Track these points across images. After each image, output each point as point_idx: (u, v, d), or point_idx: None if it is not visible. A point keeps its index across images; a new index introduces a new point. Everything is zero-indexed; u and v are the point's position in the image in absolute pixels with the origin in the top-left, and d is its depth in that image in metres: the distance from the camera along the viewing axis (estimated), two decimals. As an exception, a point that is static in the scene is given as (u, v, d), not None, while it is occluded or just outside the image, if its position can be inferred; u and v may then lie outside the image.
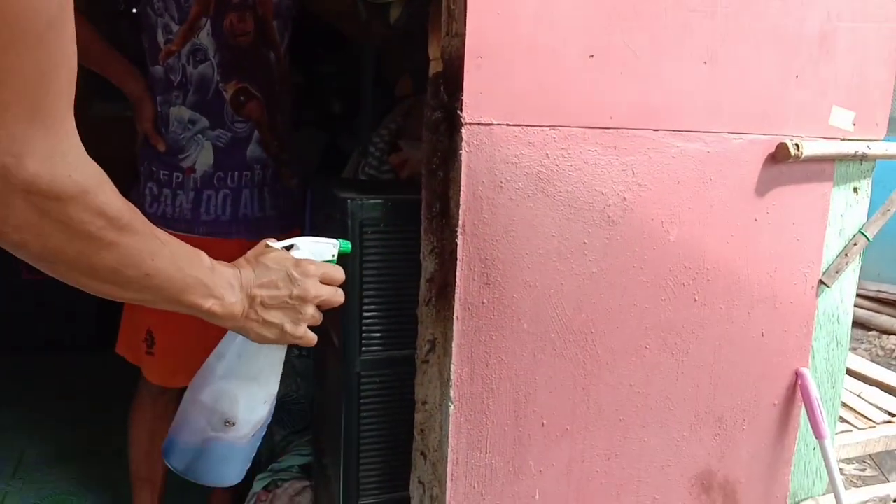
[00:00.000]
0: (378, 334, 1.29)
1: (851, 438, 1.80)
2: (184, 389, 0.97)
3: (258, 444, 1.00)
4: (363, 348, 1.29)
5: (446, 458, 1.13)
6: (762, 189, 1.27)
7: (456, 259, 1.07)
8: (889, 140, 1.36)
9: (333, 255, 1.00)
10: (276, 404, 1.01)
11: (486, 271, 1.09)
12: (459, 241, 1.07)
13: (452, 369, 1.10)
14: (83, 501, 2.25)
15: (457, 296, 1.08)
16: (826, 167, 1.31)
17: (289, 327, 0.89)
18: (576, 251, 1.14)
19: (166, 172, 1.67)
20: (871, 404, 1.96)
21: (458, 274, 1.07)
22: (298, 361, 2.01)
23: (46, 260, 0.65)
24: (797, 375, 1.39)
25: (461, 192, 1.05)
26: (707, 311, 1.27)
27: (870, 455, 2.47)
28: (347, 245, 1.01)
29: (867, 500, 1.75)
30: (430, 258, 1.14)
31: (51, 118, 0.58)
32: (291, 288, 0.88)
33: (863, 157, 1.31)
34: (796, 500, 1.48)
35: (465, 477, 1.15)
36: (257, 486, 1.74)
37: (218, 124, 1.65)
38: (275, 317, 0.87)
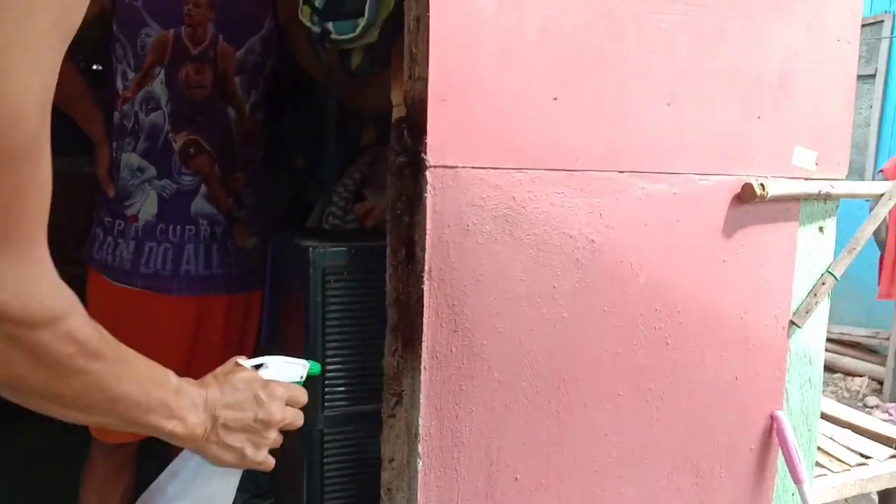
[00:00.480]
0: (342, 388, 1.24)
1: (827, 482, 1.77)
2: (135, 450, 0.92)
3: None
4: (326, 404, 1.23)
5: (416, 518, 1.07)
6: (729, 230, 1.26)
7: (423, 306, 1.03)
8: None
9: (302, 377, 0.98)
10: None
11: (455, 318, 1.05)
12: (426, 287, 1.03)
13: (420, 423, 1.05)
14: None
15: (424, 345, 1.04)
16: (791, 207, 1.31)
17: (249, 452, 0.86)
18: (546, 296, 1.11)
19: (110, 219, 1.65)
20: (845, 447, 1.94)
21: (425, 321, 1.03)
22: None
23: (11, 387, 0.63)
24: (772, 418, 1.36)
25: (427, 237, 1.02)
26: (679, 354, 1.25)
27: (845, 499, 2.45)
28: (317, 367, 1.00)
29: (847, 546, 1.71)
30: (395, 306, 1.10)
31: (23, 244, 0.57)
32: (257, 411, 0.86)
33: (827, 197, 1.32)
34: (777, 548, 1.44)
35: (437, 538, 1.09)
36: (216, 555, 1.64)
37: (165, 174, 1.63)
38: (236, 440, 0.85)
